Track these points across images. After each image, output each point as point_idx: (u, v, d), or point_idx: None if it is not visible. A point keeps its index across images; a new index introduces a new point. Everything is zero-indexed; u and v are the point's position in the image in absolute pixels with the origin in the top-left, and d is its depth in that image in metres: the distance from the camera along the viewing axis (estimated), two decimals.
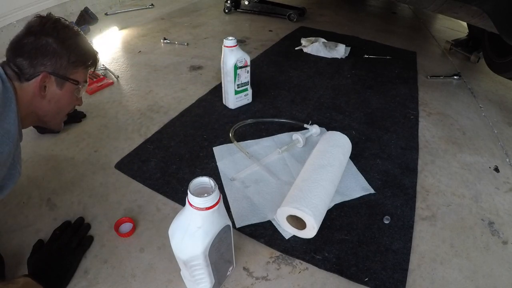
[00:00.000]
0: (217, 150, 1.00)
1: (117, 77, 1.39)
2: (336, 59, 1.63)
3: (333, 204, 0.83)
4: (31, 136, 1.02)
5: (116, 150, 1.00)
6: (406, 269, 0.70)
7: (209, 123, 1.13)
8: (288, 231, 0.76)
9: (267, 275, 0.69)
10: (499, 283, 0.70)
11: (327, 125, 1.14)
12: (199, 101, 1.25)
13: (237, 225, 0.77)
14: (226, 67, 1.10)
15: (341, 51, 1.64)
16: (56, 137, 1.04)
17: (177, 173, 0.92)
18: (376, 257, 0.72)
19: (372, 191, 0.89)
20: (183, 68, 1.49)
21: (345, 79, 1.46)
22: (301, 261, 0.71)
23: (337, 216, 0.81)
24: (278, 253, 0.73)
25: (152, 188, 0.87)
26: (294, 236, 0.76)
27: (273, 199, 0.84)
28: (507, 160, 1.07)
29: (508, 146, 1.13)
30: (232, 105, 1.20)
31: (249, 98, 1.23)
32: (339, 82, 1.43)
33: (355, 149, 0.99)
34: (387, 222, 0.80)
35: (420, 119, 1.23)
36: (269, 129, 1.11)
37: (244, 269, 0.70)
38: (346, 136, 0.94)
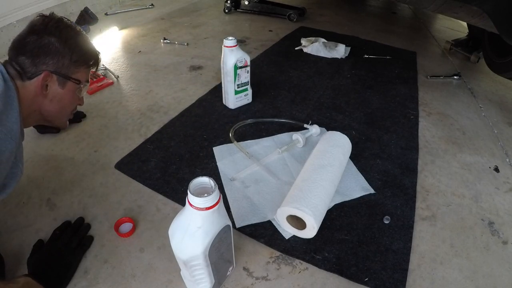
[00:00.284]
0: (217, 150, 1.00)
1: (117, 77, 1.39)
2: (336, 59, 1.63)
3: (333, 204, 0.83)
4: (31, 136, 1.02)
5: (116, 150, 1.00)
6: (406, 269, 0.70)
7: (209, 123, 1.13)
8: (288, 231, 0.76)
9: (267, 275, 0.69)
10: (499, 283, 0.70)
11: (327, 125, 1.14)
12: (199, 101, 1.25)
13: (237, 225, 0.77)
14: (226, 67, 1.10)
15: (341, 51, 1.64)
16: (56, 137, 1.04)
17: (177, 173, 0.92)
18: (376, 257, 0.72)
19: (372, 191, 0.89)
20: (183, 68, 1.49)
21: (345, 79, 1.46)
22: (301, 261, 0.71)
23: (337, 216, 0.81)
24: (278, 253, 0.73)
25: (152, 188, 0.87)
26: (294, 236, 0.76)
27: (273, 199, 0.84)
28: (507, 160, 1.07)
29: (508, 146, 1.13)
30: (232, 105, 1.20)
31: (249, 98, 1.23)
32: (339, 82, 1.43)
33: (355, 149, 0.99)
34: (387, 222, 0.80)
35: (420, 119, 1.23)
36: (269, 129, 1.11)
37: (244, 269, 0.70)
38: (346, 136, 0.94)
